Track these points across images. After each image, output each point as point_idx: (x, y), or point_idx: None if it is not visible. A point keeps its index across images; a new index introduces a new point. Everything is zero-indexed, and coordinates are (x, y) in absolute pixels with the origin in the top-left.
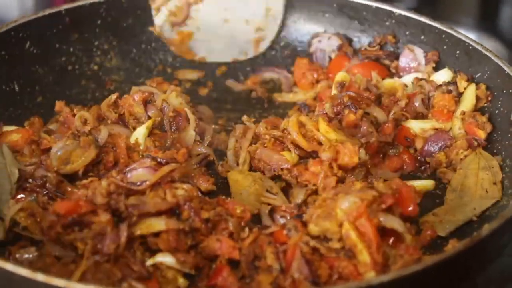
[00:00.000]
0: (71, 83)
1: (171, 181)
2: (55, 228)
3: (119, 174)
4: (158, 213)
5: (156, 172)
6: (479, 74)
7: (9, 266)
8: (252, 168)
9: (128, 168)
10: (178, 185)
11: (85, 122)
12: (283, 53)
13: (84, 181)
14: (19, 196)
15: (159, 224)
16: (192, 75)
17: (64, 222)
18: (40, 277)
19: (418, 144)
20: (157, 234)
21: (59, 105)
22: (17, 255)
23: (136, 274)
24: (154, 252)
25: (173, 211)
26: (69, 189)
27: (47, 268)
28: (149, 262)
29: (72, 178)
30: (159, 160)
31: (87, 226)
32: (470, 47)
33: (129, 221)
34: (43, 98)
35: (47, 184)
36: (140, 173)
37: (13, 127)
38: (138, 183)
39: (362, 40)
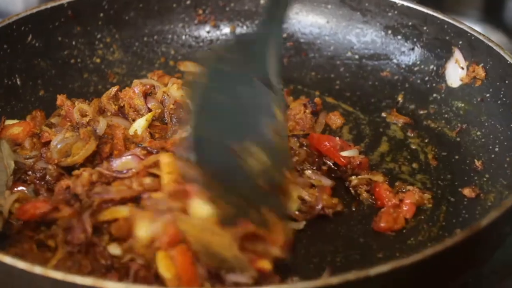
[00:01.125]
0: (73, 77)
1: None
2: (24, 232)
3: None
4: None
5: (143, 160)
6: (482, 64)
7: (8, 260)
8: None
9: (113, 157)
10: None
11: (84, 115)
12: (285, 44)
13: (76, 171)
14: (17, 189)
15: (123, 211)
16: (194, 67)
17: (30, 225)
18: (37, 269)
19: None
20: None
21: (60, 98)
22: None
23: (104, 266)
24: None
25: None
26: None
27: (24, 254)
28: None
29: (71, 170)
30: (149, 149)
31: (53, 223)
32: (473, 38)
33: (92, 208)
34: (45, 91)
35: (47, 177)
36: (124, 162)
37: (15, 121)
38: (124, 171)
39: (364, 30)
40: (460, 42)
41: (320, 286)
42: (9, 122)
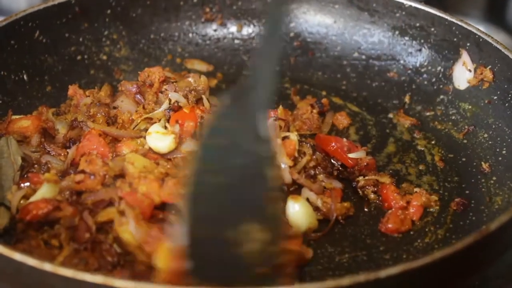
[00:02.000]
0: (80, 73)
1: None
2: (27, 232)
3: None
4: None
5: None
6: (490, 66)
7: (17, 256)
8: None
9: None
10: None
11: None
12: (292, 44)
13: None
14: (24, 185)
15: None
16: (201, 66)
17: (33, 225)
18: (47, 266)
19: None
20: None
21: (72, 89)
22: None
23: (110, 263)
24: None
25: None
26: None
27: (31, 251)
28: None
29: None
30: None
31: (56, 222)
32: (481, 40)
33: (89, 207)
34: (52, 87)
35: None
36: None
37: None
38: None
39: (372, 31)
40: (468, 44)
41: (330, 287)
42: (15, 117)
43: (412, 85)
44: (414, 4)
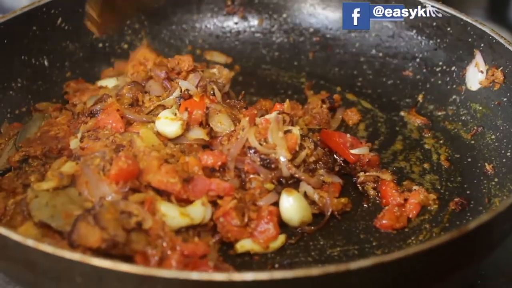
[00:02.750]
0: (100, 60)
1: None
2: None
3: None
4: None
5: None
6: (501, 68)
7: (2, 231)
8: None
9: None
10: None
11: None
12: (311, 39)
13: None
14: None
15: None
16: (220, 58)
17: None
18: (30, 242)
19: None
20: None
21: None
22: None
23: None
24: None
25: None
26: None
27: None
28: None
29: None
30: None
31: None
32: (494, 40)
33: None
34: (72, 73)
35: None
36: None
37: None
38: None
39: (390, 29)
40: (482, 45)
41: (300, 276)
42: None
43: (427, 84)
44: (431, 3)
